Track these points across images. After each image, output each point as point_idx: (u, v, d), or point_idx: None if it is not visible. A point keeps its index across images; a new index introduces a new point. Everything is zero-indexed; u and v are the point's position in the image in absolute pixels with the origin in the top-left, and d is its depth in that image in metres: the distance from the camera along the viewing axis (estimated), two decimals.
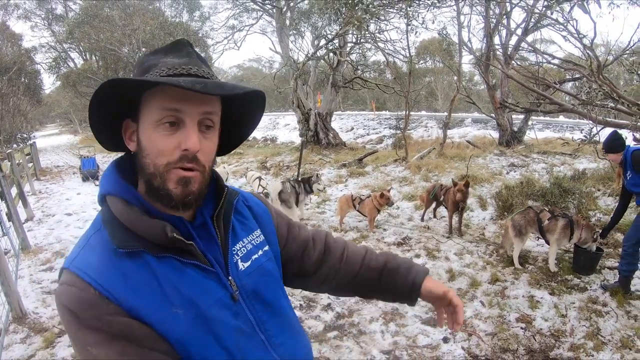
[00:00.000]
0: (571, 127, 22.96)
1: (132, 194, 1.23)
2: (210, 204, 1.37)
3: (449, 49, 20.22)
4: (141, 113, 1.20)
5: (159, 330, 1.13)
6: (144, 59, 1.27)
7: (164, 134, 1.16)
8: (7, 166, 11.54)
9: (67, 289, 1.12)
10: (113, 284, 1.11)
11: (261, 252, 1.44)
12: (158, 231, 1.17)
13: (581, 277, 5.57)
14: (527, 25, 15.19)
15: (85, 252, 1.19)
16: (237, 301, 1.29)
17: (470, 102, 17.09)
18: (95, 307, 1.09)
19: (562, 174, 9.60)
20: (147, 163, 1.19)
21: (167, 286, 1.16)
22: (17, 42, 31.16)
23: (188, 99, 1.15)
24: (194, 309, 1.18)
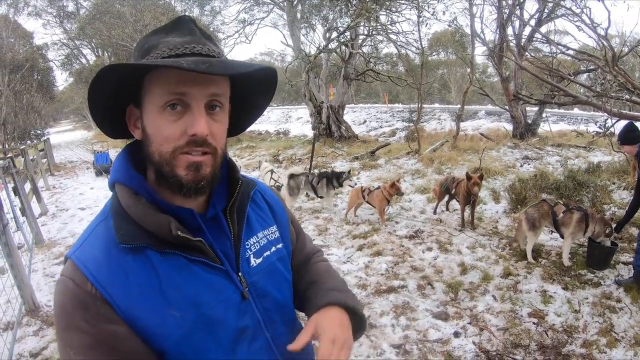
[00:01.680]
0: (586, 119, 22.73)
1: (139, 184, 1.18)
2: (223, 196, 1.31)
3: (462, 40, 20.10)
4: (144, 98, 1.14)
5: (155, 332, 1.09)
6: (144, 41, 1.19)
7: (169, 120, 1.10)
8: (21, 162, 11.63)
9: (64, 282, 1.10)
10: (112, 282, 1.08)
11: (274, 249, 1.40)
12: (163, 227, 1.12)
13: (595, 272, 5.48)
14: (540, 15, 15.04)
15: (90, 242, 1.16)
16: (246, 299, 1.24)
17: (483, 94, 16.94)
18: (87, 308, 1.05)
19: (577, 167, 9.51)
20: (153, 151, 1.14)
21: (168, 286, 1.12)
22: (29, 39, 31.36)
23: (193, 81, 1.08)
24: (196, 310, 1.14)
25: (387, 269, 6.11)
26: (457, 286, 5.44)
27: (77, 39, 30.86)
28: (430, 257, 6.39)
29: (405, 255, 6.52)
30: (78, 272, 1.09)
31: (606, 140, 9.57)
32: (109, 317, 1.06)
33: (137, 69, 1.10)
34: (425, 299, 5.27)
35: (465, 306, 5.01)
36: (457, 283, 5.51)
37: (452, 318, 4.79)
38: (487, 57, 18.15)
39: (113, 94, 1.16)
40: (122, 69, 1.09)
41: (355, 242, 7.34)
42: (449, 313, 4.89)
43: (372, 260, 6.45)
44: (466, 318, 4.76)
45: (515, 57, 14.38)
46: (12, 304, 5.45)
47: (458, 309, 4.97)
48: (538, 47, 17.01)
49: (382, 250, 6.75)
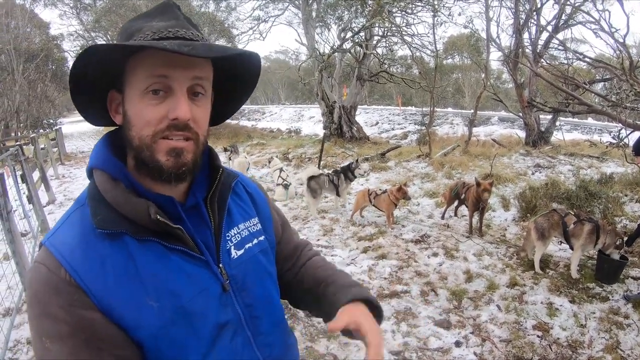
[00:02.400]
0: (600, 129, 22.56)
1: (118, 169, 1.15)
2: (204, 185, 1.29)
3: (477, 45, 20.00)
4: (126, 83, 1.12)
5: (131, 324, 1.05)
6: (127, 25, 1.16)
7: (150, 104, 1.08)
8: (31, 150, 11.69)
9: (37, 268, 1.06)
10: (87, 268, 1.04)
11: (256, 241, 1.36)
12: (141, 212, 1.09)
13: (603, 285, 5.33)
14: (557, 22, 14.89)
15: (64, 229, 1.12)
16: (227, 292, 1.20)
17: (497, 99, 16.83)
18: (61, 294, 1.02)
19: (589, 177, 9.37)
20: (133, 135, 1.11)
21: (145, 275, 1.08)
22: (45, 29, 31.59)
23: (176, 64, 1.06)
24: (174, 300, 1.10)
25: (390, 273, 6.03)
26: (462, 294, 5.34)
27: (92, 30, 30.93)
28: (436, 263, 6.29)
29: (410, 260, 6.42)
30: (51, 258, 1.05)
31: (620, 151, 9.41)
32: (84, 303, 1.02)
33: (119, 50, 1.07)
34: (428, 305, 5.18)
35: (468, 315, 4.91)
36: (461, 291, 5.41)
37: (455, 327, 4.70)
38: (502, 62, 18.00)
39: (95, 77, 1.13)
40: (105, 50, 1.07)
41: (360, 244, 7.26)
42: (452, 321, 4.80)
43: (377, 263, 6.37)
44: (469, 327, 4.67)
45: (530, 63, 14.25)
46: (13, 290, 5.51)
47: (461, 317, 4.87)
48: (554, 55, 16.85)
49: (387, 254, 6.65)
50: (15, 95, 24.68)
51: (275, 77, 57.90)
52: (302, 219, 8.89)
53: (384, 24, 16.99)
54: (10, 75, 24.66)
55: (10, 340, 4.71)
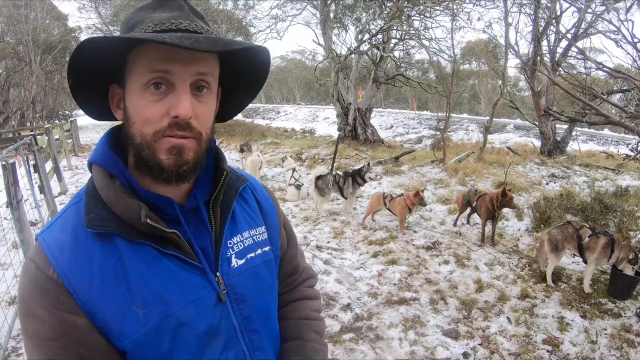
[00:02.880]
0: (616, 141, 22.36)
1: (116, 166, 1.11)
2: (207, 187, 1.24)
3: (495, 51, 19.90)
4: (127, 77, 1.08)
5: (114, 330, 1.02)
6: (129, 17, 1.12)
7: (151, 100, 1.04)
8: (45, 140, 11.76)
9: (27, 264, 1.05)
10: (74, 269, 1.01)
11: (260, 252, 1.30)
12: (132, 212, 1.05)
13: (616, 301, 5.24)
14: (577, 30, 14.76)
15: (59, 224, 1.10)
16: (223, 302, 1.15)
17: (513, 107, 16.70)
18: (46, 294, 1.00)
19: (604, 190, 9.24)
20: (134, 133, 1.07)
21: (133, 280, 1.04)
22: (64, 21, 31.82)
23: (177, 58, 1.02)
24: (163, 308, 1.05)
25: (400, 279, 5.99)
26: (471, 304, 5.28)
27: (110, 24, 31.13)
28: (446, 271, 6.24)
29: (421, 267, 6.38)
30: (42, 255, 1.03)
31: (636, 163, 9.31)
32: (69, 306, 0.99)
33: (118, 42, 1.02)
34: (436, 314, 5.13)
35: (477, 326, 4.86)
36: (471, 301, 5.35)
37: (463, 337, 4.65)
38: (520, 69, 17.90)
39: (96, 72, 1.10)
40: (103, 42, 1.02)
41: (371, 248, 7.22)
42: (460, 332, 4.75)
43: (386, 268, 6.33)
44: (477, 339, 4.61)
45: (548, 71, 14.13)
46: (19, 279, 5.46)
47: (470, 328, 4.82)
48: (572, 63, 16.70)
49: (398, 259, 6.61)
50: (32, 86, 24.89)
51: (291, 76, 58.02)
52: (312, 220, 8.87)
53: (402, 27, 16.92)
54: (28, 66, 24.88)
55: (14, 329, 4.74)
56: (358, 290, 5.73)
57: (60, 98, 31.31)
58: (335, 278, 6.06)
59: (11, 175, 5.43)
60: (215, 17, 25.44)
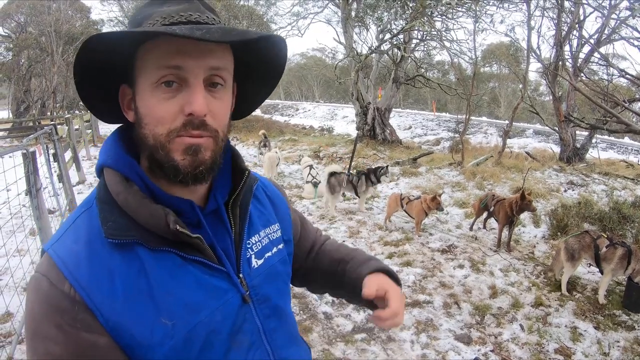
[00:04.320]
0: (637, 150, 22.12)
1: (133, 169, 1.05)
2: (225, 188, 1.20)
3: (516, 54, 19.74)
4: (136, 76, 1.03)
5: (143, 344, 0.96)
6: (137, 12, 1.08)
7: (163, 98, 0.99)
8: (64, 130, 11.90)
9: (37, 279, 0.97)
10: (94, 283, 0.94)
11: (275, 250, 1.29)
12: (158, 220, 0.99)
13: (630, 314, 5.20)
14: (599, 36, 14.63)
15: (70, 235, 1.02)
16: (247, 303, 1.13)
17: (533, 112, 16.58)
18: (62, 312, 0.92)
19: (623, 199, 9.16)
20: (146, 134, 1.02)
21: (158, 291, 0.99)
22: (86, 13, 32.07)
23: (189, 53, 0.97)
24: (192, 317, 1.01)
25: (414, 282, 6.01)
26: (485, 309, 5.28)
27: None
28: (461, 275, 6.24)
29: (435, 270, 6.39)
30: (54, 269, 0.95)
31: None
32: (88, 325, 0.93)
33: (126, 39, 0.97)
34: (449, 318, 5.14)
35: (490, 332, 4.86)
36: (485, 306, 5.35)
37: (475, 343, 4.66)
38: (541, 74, 17.75)
39: (104, 70, 1.05)
40: (110, 38, 0.96)
41: (386, 249, 7.24)
42: (473, 337, 4.76)
43: (401, 270, 6.34)
44: (489, 345, 4.62)
45: (570, 77, 14.02)
46: (35, 265, 5.55)
47: (482, 334, 4.83)
48: (594, 69, 16.55)
49: (412, 261, 6.63)
50: (53, 76, 25.14)
51: (310, 74, 57.96)
52: (328, 218, 8.90)
53: (423, 28, 16.86)
54: (50, 56, 25.12)
55: None
56: None
57: None
58: None
59: (31, 164, 5.50)
60: (236, 12, 25.49)
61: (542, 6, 14.96)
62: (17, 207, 6.23)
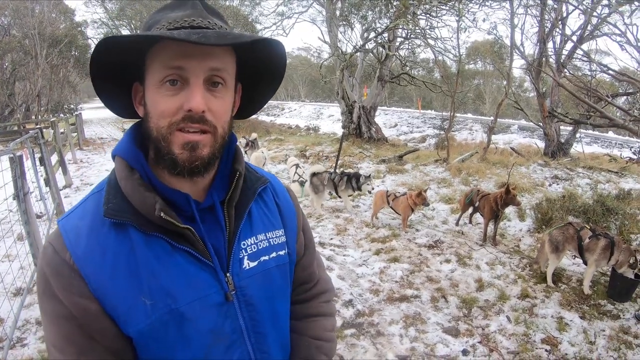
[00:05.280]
0: (620, 144, 22.35)
1: (136, 159, 1.15)
2: (224, 186, 1.24)
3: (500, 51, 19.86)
4: (146, 74, 1.12)
5: (121, 317, 1.06)
6: (149, 17, 1.16)
7: (166, 94, 1.07)
8: (50, 134, 11.82)
9: (47, 247, 1.10)
10: (88, 256, 1.06)
11: (274, 255, 1.30)
12: (148, 205, 1.08)
13: (615, 303, 5.27)
14: (582, 32, 14.77)
15: (78, 213, 1.14)
16: (230, 302, 1.16)
17: (518, 108, 16.71)
18: (62, 277, 1.05)
19: (607, 192, 9.26)
20: (151, 127, 1.11)
21: (144, 270, 1.08)
22: (70, 15, 31.84)
23: (190, 55, 1.05)
24: (169, 301, 1.09)
25: (402, 277, 6.04)
26: (472, 302, 5.33)
27: (116, 19, 31.19)
28: (448, 270, 6.29)
29: (422, 265, 6.43)
30: (60, 239, 1.08)
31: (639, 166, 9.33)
32: (81, 291, 1.05)
33: (135, 40, 1.06)
34: (437, 311, 5.19)
35: (477, 324, 4.91)
36: (471, 299, 5.40)
37: (463, 335, 4.70)
38: (525, 70, 17.89)
39: (117, 69, 1.15)
40: (122, 40, 1.07)
41: (373, 245, 7.27)
42: (460, 329, 4.80)
43: (388, 266, 6.39)
44: (477, 337, 4.66)
45: (553, 73, 14.13)
46: (25, 270, 5.61)
47: (470, 326, 4.87)
48: (577, 65, 16.69)
49: (400, 257, 6.67)
50: (37, 79, 24.92)
51: (296, 73, 57.93)
52: (316, 217, 8.92)
53: (407, 26, 16.91)
54: (34, 59, 24.90)
55: (20, 320, 4.79)
56: (360, 286, 5.79)
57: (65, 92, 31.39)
58: (338, 274, 6.12)
59: (18, 168, 5.48)
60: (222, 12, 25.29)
61: (525, 4, 15.07)
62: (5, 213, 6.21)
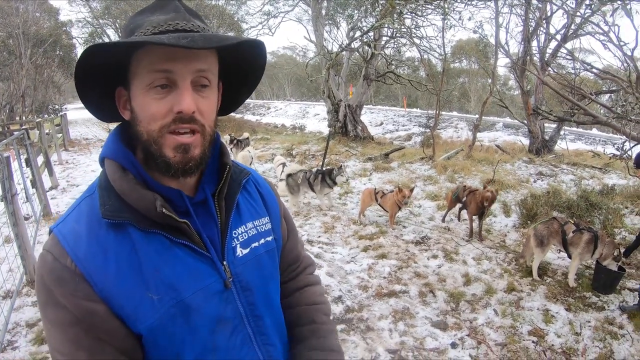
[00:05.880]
0: (604, 140, 22.57)
1: (129, 160, 1.16)
2: (214, 180, 1.29)
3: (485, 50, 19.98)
4: (131, 79, 1.12)
5: (130, 315, 1.08)
6: (129, 21, 1.17)
7: (155, 98, 1.09)
8: (36, 135, 11.73)
9: (44, 255, 1.09)
10: (90, 258, 1.07)
11: (263, 241, 1.36)
12: (148, 204, 1.10)
13: (600, 295, 5.38)
14: (566, 31, 14.91)
15: (73, 217, 1.15)
16: (229, 289, 1.21)
17: (502, 106, 16.81)
18: (65, 283, 1.05)
19: (591, 188, 9.39)
20: (140, 131, 1.12)
21: (147, 267, 1.10)
22: (55, 15, 31.51)
23: (177, 58, 1.07)
24: (174, 294, 1.12)
25: (390, 273, 6.09)
26: (459, 297, 5.40)
27: (101, 18, 30.96)
28: (435, 265, 6.35)
29: (410, 261, 6.49)
30: (58, 246, 1.08)
31: (623, 163, 9.43)
32: (87, 294, 1.05)
33: (120, 47, 1.06)
34: (425, 306, 5.24)
35: (465, 318, 4.98)
36: (459, 293, 5.47)
37: (451, 328, 4.76)
38: (510, 69, 18.02)
39: (101, 75, 1.15)
40: (107, 47, 1.07)
41: (361, 242, 7.31)
42: (448, 323, 4.86)
43: (376, 262, 6.44)
44: (465, 330, 4.73)
45: (538, 71, 14.26)
46: (14, 273, 5.57)
47: (458, 319, 4.93)
48: (561, 64, 16.85)
49: (387, 254, 6.72)
50: (21, 80, 24.60)
51: (282, 72, 57.83)
52: (303, 215, 8.95)
53: (393, 25, 16.96)
54: (18, 59, 24.61)
55: (10, 323, 4.77)
56: (349, 283, 5.83)
57: (49, 92, 31.02)
58: (327, 271, 6.16)
59: (6, 169, 5.45)
60: (207, 12, 25.34)
61: (510, 3, 15.17)
62: None
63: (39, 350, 4.35)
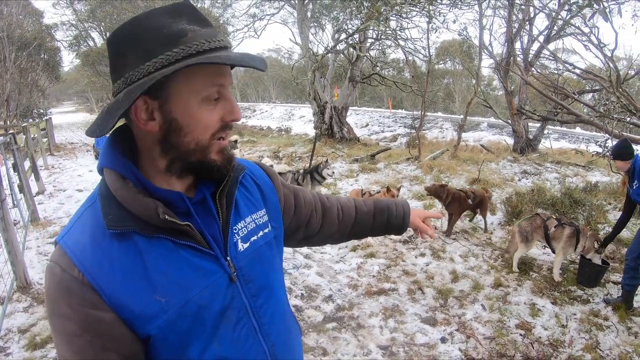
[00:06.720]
0: (587, 139, 22.74)
1: (128, 169, 1.17)
2: (211, 180, 1.30)
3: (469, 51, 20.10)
4: (172, 89, 1.10)
5: (140, 318, 1.10)
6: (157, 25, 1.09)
7: (208, 109, 1.14)
8: (22, 139, 11.65)
9: (51, 267, 1.12)
10: (97, 268, 1.09)
11: (261, 234, 1.40)
12: (150, 211, 1.12)
13: (585, 289, 5.52)
14: (549, 32, 15.09)
15: (77, 228, 1.17)
16: (234, 283, 1.25)
17: (487, 106, 16.99)
18: (72, 293, 1.07)
19: (574, 185, 9.54)
20: (187, 141, 1.14)
21: (153, 272, 1.13)
22: (39, 18, 31.27)
23: (226, 73, 1.17)
24: (183, 294, 1.14)
25: (379, 271, 6.17)
26: (447, 293, 5.49)
27: (86, 21, 30.83)
28: (423, 263, 6.44)
29: (398, 259, 6.57)
30: (65, 257, 1.10)
31: (605, 160, 9.60)
32: (95, 303, 1.07)
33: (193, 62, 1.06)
34: (414, 303, 5.32)
35: (454, 313, 5.07)
36: (447, 290, 5.56)
37: (440, 324, 4.85)
38: (494, 69, 18.18)
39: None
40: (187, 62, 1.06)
41: (349, 242, 7.33)
42: (437, 319, 4.95)
43: (365, 261, 6.52)
44: (454, 325, 4.82)
45: (521, 71, 14.44)
46: (4, 279, 5.48)
47: (447, 315, 5.02)
48: (544, 64, 17.04)
49: (376, 253, 6.80)
50: (5, 84, 24.37)
51: (267, 75, 57.61)
52: None
53: (378, 27, 17.03)
54: (2, 62, 24.35)
55: (2, 329, 4.75)
56: (339, 282, 5.90)
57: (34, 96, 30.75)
58: (316, 271, 6.22)
59: None
60: None
61: (494, 5, 15.33)
62: None
63: (33, 355, 4.33)
